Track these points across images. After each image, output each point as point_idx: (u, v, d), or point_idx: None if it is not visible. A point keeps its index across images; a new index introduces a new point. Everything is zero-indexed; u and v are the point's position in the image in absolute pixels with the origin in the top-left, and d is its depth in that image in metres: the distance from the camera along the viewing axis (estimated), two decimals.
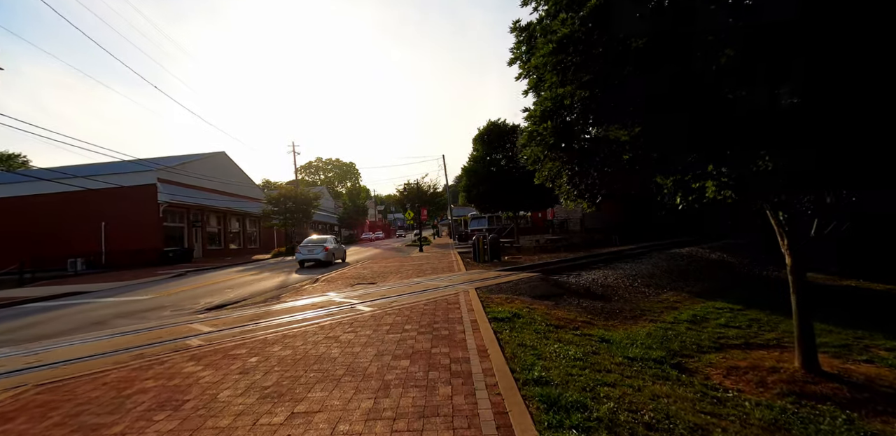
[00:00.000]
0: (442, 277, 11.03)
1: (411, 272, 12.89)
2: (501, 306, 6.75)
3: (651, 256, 16.18)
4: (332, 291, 9.67)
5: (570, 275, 11.65)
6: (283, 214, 30.86)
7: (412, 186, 37.98)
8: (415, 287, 9.18)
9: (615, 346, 5.49)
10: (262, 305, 8.19)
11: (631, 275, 11.95)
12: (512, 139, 23.61)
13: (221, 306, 8.48)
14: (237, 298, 9.56)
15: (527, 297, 8.01)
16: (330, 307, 7.21)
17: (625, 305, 8.56)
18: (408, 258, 19.54)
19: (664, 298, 9.58)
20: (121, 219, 23.85)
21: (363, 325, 5.61)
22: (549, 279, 10.03)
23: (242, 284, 12.76)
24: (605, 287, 10.14)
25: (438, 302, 7.06)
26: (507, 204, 23.29)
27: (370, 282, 11.32)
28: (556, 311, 7.22)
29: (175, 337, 5.65)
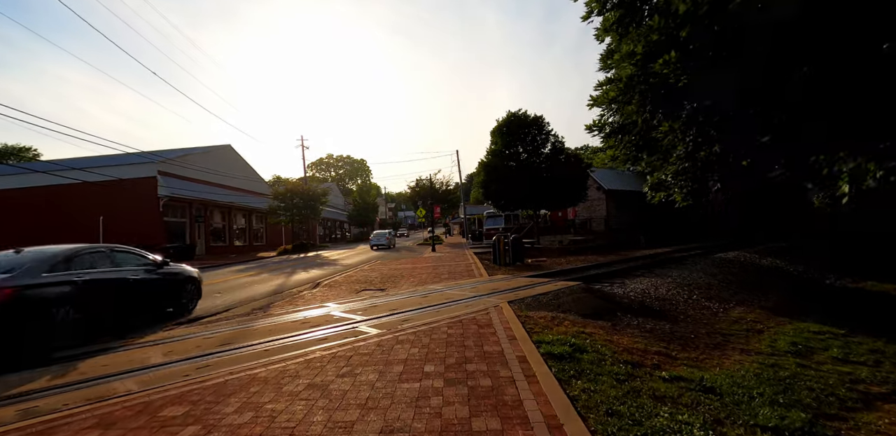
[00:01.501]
0: (462, 284, 9.39)
1: (426, 277, 11.27)
2: (550, 332, 5.07)
3: (695, 261, 14.32)
4: (332, 300, 8.09)
5: (613, 284, 9.90)
6: (289, 211, 29.54)
7: (424, 182, 36.38)
8: (432, 298, 7.55)
9: (727, 398, 3.81)
10: (245, 319, 6.64)
11: (683, 284, 10.17)
12: (534, 131, 21.86)
13: (195, 320, 6.96)
14: (220, 308, 8.04)
15: (575, 315, 6.32)
16: (325, 327, 5.61)
17: (696, 327, 6.81)
18: (420, 259, 17.94)
19: (737, 316, 7.80)
20: (120, 213, 22.69)
21: (366, 362, 3.99)
22: (591, 290, 8.32)
23: (235, 287, 11.28)
24: (661, 301, 8.39)
25: (465, 323, 5.41)
26: (527, 201, 21.54)
27: (378, 288, 9.73)
28: (619, 337, 5.52)
29: (102, 375, 4.09)
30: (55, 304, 5.11)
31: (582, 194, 22.17)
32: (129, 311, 6.45)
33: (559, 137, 22.14)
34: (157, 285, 7.15)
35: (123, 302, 6.27)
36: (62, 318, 5.12)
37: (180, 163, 24.29)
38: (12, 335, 4.62)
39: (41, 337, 4.87)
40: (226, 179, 29.19)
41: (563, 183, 20.92)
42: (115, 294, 6.09)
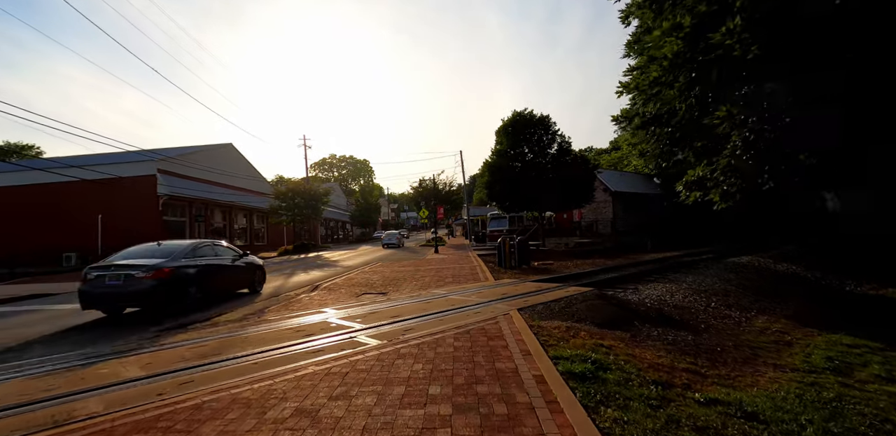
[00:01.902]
0: (468, 288, 8.93)
1: (429, 280, 10.82)
2: (566, 345, 4.62)
3: (708, 266, 13.81)
4: (331, 305, 7.65)
5: (627, 290, 9.42)
6: (291, 210, 29.16)
7: (427, 183, 35.96)
8: (436, 304, 7.10)
9: (774, 427, 3.34)
10: (236, 325, 6.21)
11: (700, 291, 9.67)
12: (540, 131, 21.40)
13: (186, 325, 6.53)
14: (211, 313, 7.61)
15: (590, 325, 5.85)
16: (321, 337, 5.16)
17: (721, 338, 6.33)
18: (423, 261, 17.49)
19: (762, 326, 7.31)
20: (118, 212, 22.35)
21: (363, 381, 3.54)
22: (605, 297, 7.84)
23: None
24: (679, 309, 7.91)
25: (474, 334, 4.95)
26: (533, 202, 21.06)
27: (380, 292, 9.29)
28: (641, 350, 5.06)
29: (72, 391, 3.66)
30: (189, 277, 7.89)
31: (589, 196, 21.69)
32: (225, 286, 9.39)
33: (566, 137, 21.70)
34: (240, 271, 9.73)
35: (222, 280, 9.14)
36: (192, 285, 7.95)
37: (180, 161, 23.95)
38: (171, 296, 7.45)
39: (184, 296, 7.75)
40: (227, 178, 28.85)
41: (569, 184, 20.44)
42: (218, 274, 8.86)
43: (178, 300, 7.57)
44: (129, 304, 7.48)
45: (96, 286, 7.19)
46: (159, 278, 7.21)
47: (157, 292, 7.15)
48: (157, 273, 7.24)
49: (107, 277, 7.20)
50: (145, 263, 7.40)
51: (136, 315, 7.76)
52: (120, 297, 7.18)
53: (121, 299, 7.26)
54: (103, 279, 7.21)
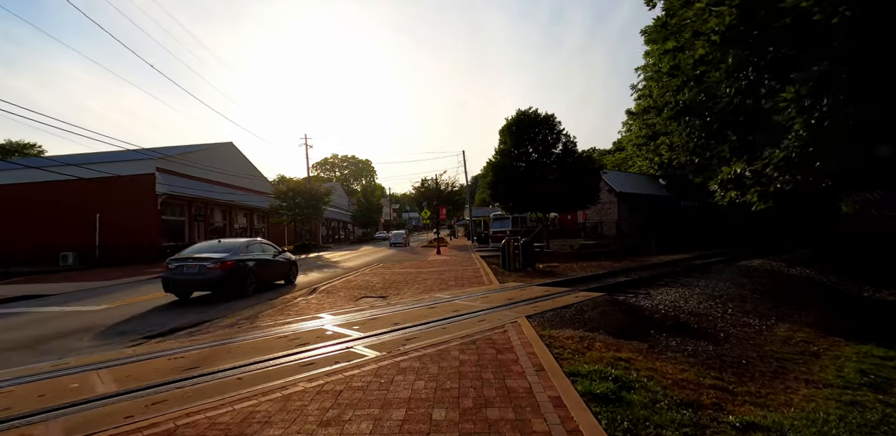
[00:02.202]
0: (472, 292, 8.53)
1: (431, 283, 10.43)
2: (582, 359, 4.22)
3: (719, 269, 13.37)
4: (328, 310, 7.27)
5: (638, 295, 9.01)
6: (291, 210, 28.82)
7: (429, 183, 35.57)
8: (439, 309, 6.71)
9: None
10: (226, 332, 5.82)
11: (714, 296, 9.25)
12: (544, 130, 20.98)
13: (172, 331, 6.15)
14: (202, 317, 7.23)
15: (605, 335, 5.45)
16: (315, 347, 4.78)
17: (744, 349, 5.92)
18: (424, 262, 17.10)
19: (784, 335, 6.89)
20: (116, 211, 22.05)
21: (358, 402, 3.15)
22: (616, 302, 7.44)
23: None
24: (695, 316, 7.49)
25: (480, 345, 4.56)
26: (537, 203, 20.64)
27: (380, 296, 8.91)
28: (662, 363, 4.66)
29: (30, 412, 3.28)
30: (247, 269, 9.50)
31: (594, 197, 21.25)
32: (269, 277, 10.90)
33: (571, 136, 21.27)
34: (280, 265, 11.38)
35: (268, 272, 10.65)
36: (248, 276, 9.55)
37: (180, 160, 23.64)
38: (234, 284, 9.07)
39: (243, 285, 9.33)
40: (227, 177, 28.53)
41: (574, 185, 20.01)
42: (265, 267, 10.43)
43: (238, 287, 9.29)
44: (202, 289, 9.24)
45: (176, 274, 8.85)
46: (225, 269, 8.90)
47: (224, 280, 8.89)
48: (224, 265, 8.92)
49: (185, 267, 8.86)
50: (214, 256, 9.00)
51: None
52: (195, 283, 8.96)
53: (195, 285, 9.05)
54: (182, 269, 8.87)
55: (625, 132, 43.66)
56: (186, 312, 7.79)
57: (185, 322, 6.78)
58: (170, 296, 9.43)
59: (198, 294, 9.57)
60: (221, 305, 8.38)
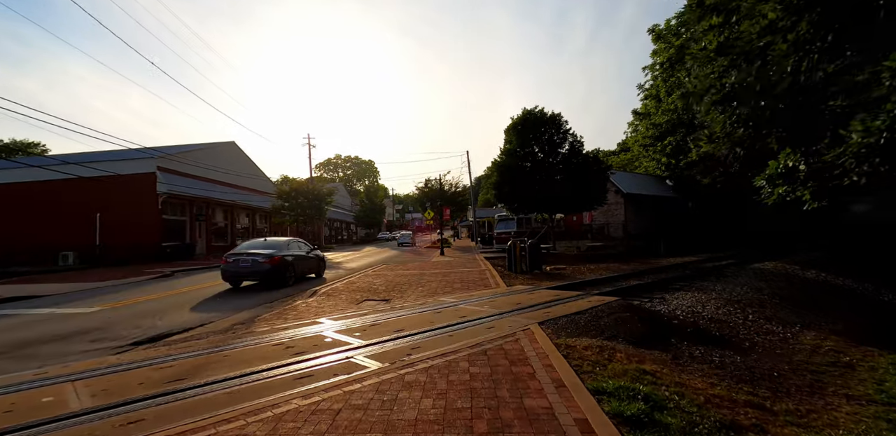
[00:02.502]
0: (478, 296, 8.16)
1: (436, 285, 10.07)
2: (604, 372, 3.85)
3: (733, 273, 12.97)
4: (328, 314, 6.92)
5: (653, 299, 8.61)
6: (293, 210, 28.53)
7: (433, 183, 35.23)
8: (445, 315, 6.34)
9: None
10: (219, 338, 5.48)
11: (732, 301, 8.84)
12: (551, 130, 20.59)
13: (163, 337, 5.81)
14: (195, 321, 6.89)
15: (624, 344, 5.07)
16: (312, 356, 4.42)
17: (774, 360, 5.52)
18: (428, 263, 16.74)
19: (812, 343, 6.48)
20: (117, 210, 21.81)
21: (357, 423, 2.79)
22: (633, 308, 7.04)
23: (221, 294, 10.16)
24: (716, 323, 7.09)
25: (492, 356, 4.19)
26: (543, 204, 20.23)
27: (383, 299, 8.56)
28: (689, 377, 4.27)
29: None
30: (288, 263, 11.15)
31: (602, 198, 20.83)
32: (304, 271, 12.53)
33: (577, 136, 20.87)
34: (312, 260, 13.05)
35: (303, 267, 12.31)
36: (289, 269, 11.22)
37: (181, 159, 23.39)
38: (279, 276, 10.73)
39: (285, 277, 10.96)
40: (229, 177, 28.29)
41: (581, 185, 19.59)
42: (302, 262, 12.18)
43: (281, 279, 10.96)
44: (253, 279, 10.95)
45: (232, 266, 10.63)
46: (273, 264, 10.66)
47: (271, 272, 10.69)
48: (272, 260, 10.66)
49: (240, 261, 10.60)
50: (264, 252, 10.77)
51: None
52: (248, 274, 10.70)
53: (248, 276, 10.80)
54: (238, 262, 10.60)
55: (630, 133, 43.23)
56: (183, 313, 7.47)
57: (177, 327, 6.45)
58: (161, 297, 9.12)
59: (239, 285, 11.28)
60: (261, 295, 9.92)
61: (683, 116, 28.39)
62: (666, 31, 29.24)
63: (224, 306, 8.28)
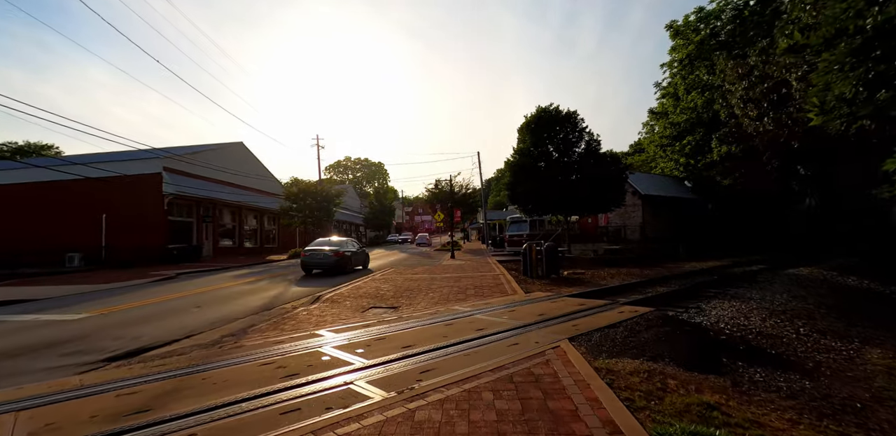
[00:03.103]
0: (495, 304, 7.42)
1: (447, 291, 9.36)
2: (661, 407, 3.09)
3: (768, 279, 12.06)
4: (329, 325, 6.24)
5: (689, 309, 7.79)
6: (301, 212, 28.06)
7: (443, 184, 34.56)
8: (459, 327, 5.62)
9: None
10: (203, 354, 4.82)
11: (776, 311, 7.97)
12: (566, 128, 19.79)
13: (143, 350, 5.18)
14: (187, 329, 6.26)
15: (673, 366, 4.30)
16: (305, 381, 3.73)
17: (849, 386, 4.68)
18: (439, 267, 16.03)
19: (884, 363, 5.60)
20: (122, 211, 21.52)
21: None
22: (671, 320, 6.25)
23: (222, 298, 9.56)
24: (767, 338, 6.25)
25: (520, 385, 3.45)
26: (558, 205, 19.41)
27: (390, 306, 7.87)
28: (761, 410, 3.49)
29: None
30: (348, 258, 14.79)
31: (620, 199, 19.93)
32: (356, 264, 15.92)
33: (594, 135, 20.03)
34: (361, 255, 16.59)
35: (356, 260, 15.82)
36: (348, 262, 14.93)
37: (188, 159, 23.04)
38: (341, 266, 14.31)
39: (345, 267, 14.60)
40: (237, 178, 27.94)
41: (598, 186, 18.74)
42: (355, 257, 15.71)
43: (342, 268, 14.53)
44: (324, 269, 14.57)
45: (309, 258, 14.49)
46: (338, 257, 14.34)
47: (337, 263, 14.28)
48: (337, 254, 14.39)
49: (315, 255, 14.49)
50: (332, 248, 14.62)
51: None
52: (321, 265, 14.43)
53: (320, 266, 14.47)
54: (313, 255, 14.50)
55: (645, 133, 42.12)
56: (174, 321, 6.86)
57: (163, 338, 5.82)
58: (159, 302, 8.55)
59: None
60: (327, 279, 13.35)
61: (703, 115, 27.33)
62: (684, 27, 28.25)
63: (222, 312, 7.66)
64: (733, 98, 12.41)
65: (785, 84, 10.96)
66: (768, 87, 11.24)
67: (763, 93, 11.59)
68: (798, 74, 9.55)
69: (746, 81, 12.35)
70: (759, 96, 11.51)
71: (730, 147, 22.43)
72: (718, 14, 26.28)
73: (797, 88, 9.74)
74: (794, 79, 9.63)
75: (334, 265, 14.31)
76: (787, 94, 10.92)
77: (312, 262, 14.51)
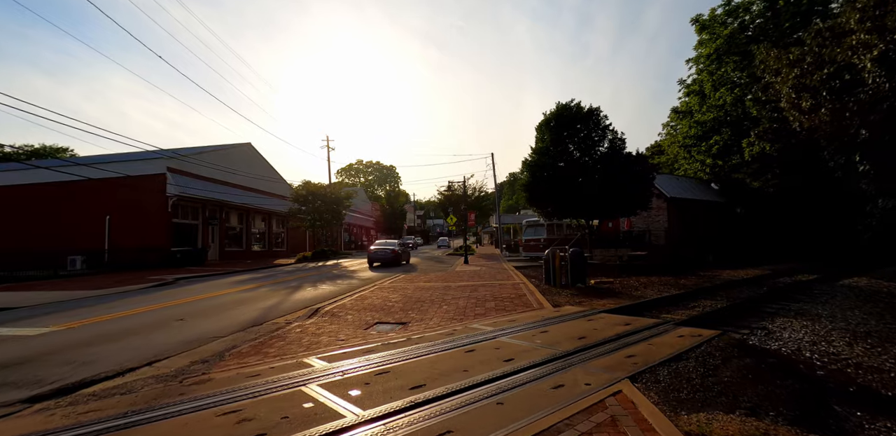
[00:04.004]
0: (521, 321, 6.25)
1: (464, 303, 8.22)
2: None
3: (826, 292, 10.69)
4: (323, 348, 5.16)
5: (755, 330, 6.52)
6: (310, 214, 27.22)
7: (456, 187, 33.45)
8: (481, 355, 4.47)
9: None
10: (155, 389, 3.76)
11: (858, 333, 6.63)
12: (590, 125, 18.53)
13: (84, 384, 4.14)
14: (146, 355, 5.21)
15: (785, 424, 3.08)
16: None
17: None
18: (452, 274, 14.89)
19: None
20: (126, 213, 20.90)
21: None
22: (746, 348, 5.02)
23: (211, 309, 8.57)
24: (868, 371, 4.95)
25: None
26: (580, 208, 18.13)
27: (398, 322, 6.78)
28: None
29: None
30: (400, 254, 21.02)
31: (646, 202, 18.57)
32: (404, 259, 21.88)
33: (618, 133, 18.74)
34: (406, 252, 22.68)
35: (403, 256, 21.58)
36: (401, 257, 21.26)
37: (193, 160, 22.36)
38: (397, 260, 20.41)
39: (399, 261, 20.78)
40: (244, 180, 27.25)
41: (623, 187, 17.41)
42: (403, 253, 21.65)
43: (397, 262, 20.03)
44: (385, 262, 19.75)
45: (373, 255, 19.88)
46: (395, 253, 19.84)
47: (394, 258, 19.80)
48: (394, 251, 19.87)
49: (378, 252, 19.95)
50: (391, 247, 20.20)
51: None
52: (382, 259, 19.74)
53: (382, 260, 19.73)
54: (377, 252, 19.88)
55: (665, 134, 40.50)
56: (143, 340, 5.84)
57: (119, 365, 4.79)
58: (140, 313, 7.58)
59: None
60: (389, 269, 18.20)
61: (732, 113, 25.77)
62: (711, 21, 26.78)
63: (204, 328, 6.64)
64: (784, 87, 11.04)
65: (848, 69, 9.67)
66: (829, 73, 9.91)
67: (822, 80, 10.24)
68: (873, 55, 8.25)
69: (798, 69, 10.98)
70: (816, 84, 10.16)
71: (763, 146, 20.87)
72: (748, 6, 24.81)
73: (870, 70, 8.43)
74: (868, 60, 8.33)
75: (392, 259, 19.96)
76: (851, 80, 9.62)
77: (376, 257, 20.01)
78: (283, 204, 29.81)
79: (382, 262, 19.85)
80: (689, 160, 30.14)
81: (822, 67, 10.17)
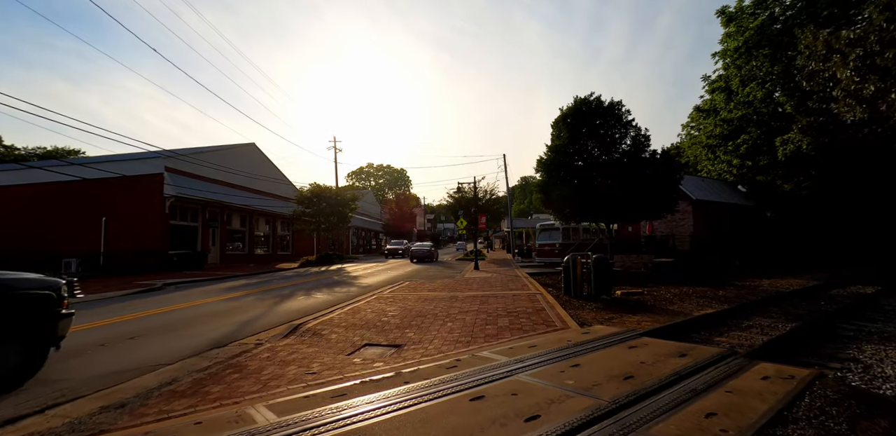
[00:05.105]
0: (543, 347, 4.92)
1: (472, 320, 6.92)
2: None
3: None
4: (284, 388, 3.91)
5: (846, 363, 5.09)
6: (315, 217, 26.19)
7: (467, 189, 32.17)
8: (496, 413, 3.15)
9: None
10: None
11: None
12: (610, 121, 17.14)
13: None
14: (51, 396, 4.03)
15: None
16: None
17: None
18: (461, 282, 13.59)
19: None
20: (122, 214, 20.10)
21: None
22: (857, 396, 3.62)
23: (176, 324, 7.40)
24: None
25: None
26: (601, 211, 16.71)
27: (391, 343, 5.53)
28: None
29: None
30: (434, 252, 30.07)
31: (671, 204, 17.07)
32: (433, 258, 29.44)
33: (642, 129, 17.30)
34: (436, 251, 31.90)
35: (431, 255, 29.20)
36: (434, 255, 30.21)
37: (192, 159, 21.53)
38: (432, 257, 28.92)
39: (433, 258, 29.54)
40: (247, 181, 26.40)
41: (648, 188, 15.96)
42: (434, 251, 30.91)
43: (432, 259, 28.43)
44: (422, 259, 27.50)
45: (415, 253, 27.78)
46: (430, 252, 28.43)
47: (430, 256, 28.09)
48: (430, 250, 28.54)
49: (417, 251, 27.89)
50: (426, 248, 28.38)
51: None
52: (421, 256, 27.58)
53: (421, 256, 27.59)
54: (416, 252, 27.86)
55: (685, 135, 38.74)
56: (65, 369, 4.69)
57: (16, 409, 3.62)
58: (96, 327, 6.45)
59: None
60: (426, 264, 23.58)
61: (762, 109, 24.08)
62: (738, 13, 25.19)
63: (151, 351, 5.47)
64: (844, 71, 9.60)
65: None
66: None
67: (893, 58, 8.80)
68: None
69: (861, 49, 9.54)
70: (888, 63, 8.72)
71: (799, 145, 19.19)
72: None
73: None
74: None
75: (428, 257, 27.46)
76: None
77: (417, 255, 27.19)
78: (289, 206, 28.92)
79: (422, 258, 27.15)
80: (713, 161, 28.40)
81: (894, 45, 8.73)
